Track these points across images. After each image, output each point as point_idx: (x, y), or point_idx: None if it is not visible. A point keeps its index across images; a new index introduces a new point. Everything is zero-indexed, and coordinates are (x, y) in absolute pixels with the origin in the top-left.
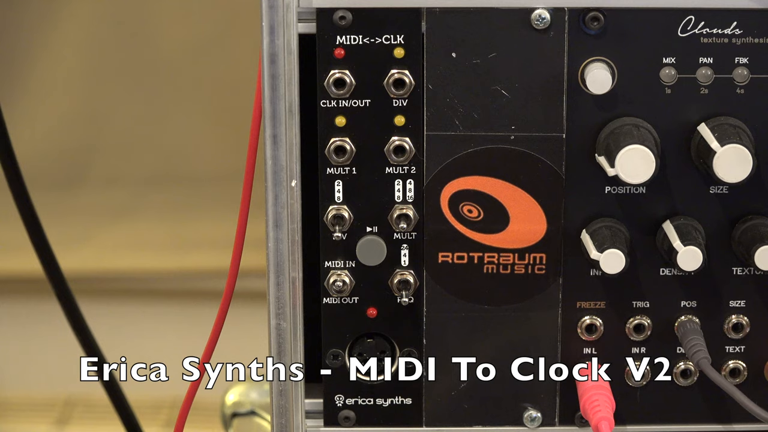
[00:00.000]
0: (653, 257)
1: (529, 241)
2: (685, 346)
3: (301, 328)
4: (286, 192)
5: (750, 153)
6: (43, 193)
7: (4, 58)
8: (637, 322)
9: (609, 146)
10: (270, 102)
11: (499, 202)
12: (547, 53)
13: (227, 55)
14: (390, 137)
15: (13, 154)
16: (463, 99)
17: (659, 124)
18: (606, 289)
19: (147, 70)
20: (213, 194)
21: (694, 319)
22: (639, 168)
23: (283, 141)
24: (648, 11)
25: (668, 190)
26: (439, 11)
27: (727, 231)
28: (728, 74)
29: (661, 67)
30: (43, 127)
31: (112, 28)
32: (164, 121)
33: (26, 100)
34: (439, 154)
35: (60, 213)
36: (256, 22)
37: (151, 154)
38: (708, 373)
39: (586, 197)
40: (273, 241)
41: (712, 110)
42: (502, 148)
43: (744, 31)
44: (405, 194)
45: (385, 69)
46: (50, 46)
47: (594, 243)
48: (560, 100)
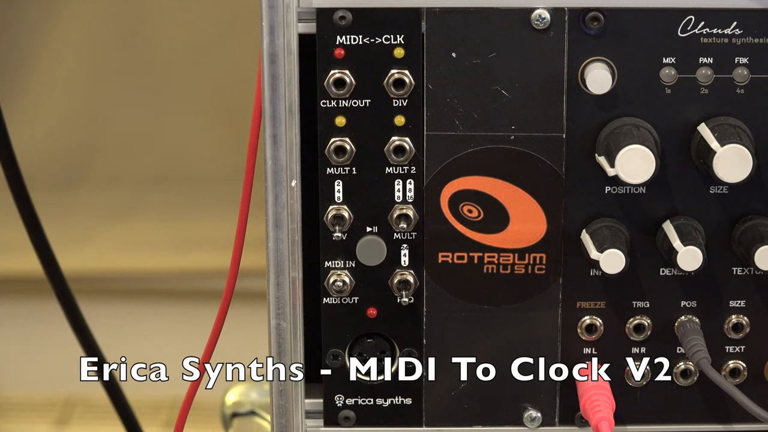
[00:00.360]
0: (653, 257)
1: (529, 241)
2: (685, 346)
3: (301, 328)
4: (286, 192)
5: (750, 153)
6: (43, 193)
7: (4, 58)
8: (637, 322)
9: (609, 146)
10: (270, 102)
11: (499, 202)
12: (547, 53)
13: (227, 55)
14: (390, 137)
15: (13, 154)
16: (463, 99)
17: (659, 124)
18: (606, 289)
19: (147, 70)
20: (213, 194)
21: (694, 319)
22: (639, 168)
23: (283, 141)
24: (648, 11)
25: (668, 190)
26: (439, 11)
27: (727, 231)
28: (728, 74)
29: (661, 67)
30: (43, 127)
31: (112, 28)
32: (164, 121)
33: (26, 100)
34: (439, 154)
35: (60, 213)
36: (256, 22)
37: (151, 154)
38: (708, 373)
39: (586, 197)
40: (273, 241)
41: (712, 110)
42: (502, 148)
43: (744, 31)
44: (405, 194)
45: (385, 69)
46: (50, 46)
47: (594, 243)
48: (560, 100)
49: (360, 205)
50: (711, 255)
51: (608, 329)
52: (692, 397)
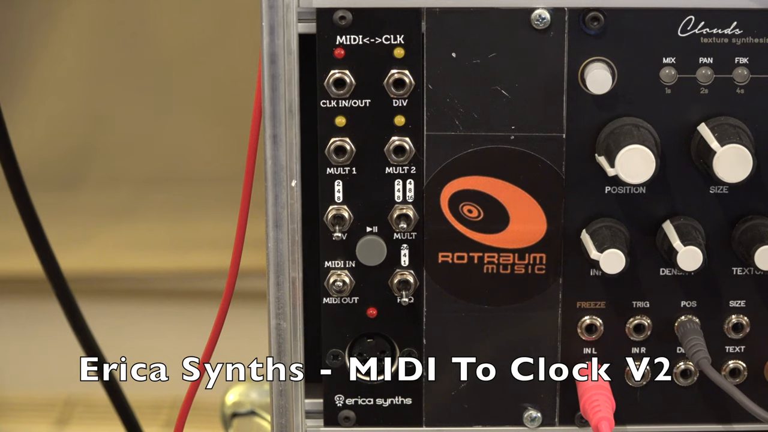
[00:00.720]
0: (653, 257)
1: (529, 241)
2: (685, 346)
3: (301, 328)
4: (286, 192)
5: (750, 153)
6: (43, 193)
7: (4, 58)
8: (637, 322)
9: (609, 146)
10: (270, 102)
11: (499, 202)
12: (547, 53)
13: (227, 55)
14: (390, 137)
15: (13, 154)
16: (463, 99)
17: (659, 124)
18: (606, 289)
19: (147, 70)
20: (213, 194)
21: (694, 319)
22: (639, 168)
23: (283, 141)
24: (648, 11)
25: (668, 190)
26: (439, 11)
27: (727, 231)
28: (728, 74)
29: (661, 67)
30: (43, 127)
31: (112, 28)
32: (164, 121)
33: (26, 100)
34: (439, 154)
35: (60, 213)
36: (256, 22)
37: (151, 154)
38: (708, 373)
39: (586, 197)
40: (273, 241)
41: (712, 110)
42: (503, 148)
43: (744, 31)
44: (405, 194)
45: (385, 69)
46: (50, 46)
47: (594, 243)
48: (560, 100)
49: (360, 205)
50: (711, 255)
51: (608, 329)
52: (692, 397)
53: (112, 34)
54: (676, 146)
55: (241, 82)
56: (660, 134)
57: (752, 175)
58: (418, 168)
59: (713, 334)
